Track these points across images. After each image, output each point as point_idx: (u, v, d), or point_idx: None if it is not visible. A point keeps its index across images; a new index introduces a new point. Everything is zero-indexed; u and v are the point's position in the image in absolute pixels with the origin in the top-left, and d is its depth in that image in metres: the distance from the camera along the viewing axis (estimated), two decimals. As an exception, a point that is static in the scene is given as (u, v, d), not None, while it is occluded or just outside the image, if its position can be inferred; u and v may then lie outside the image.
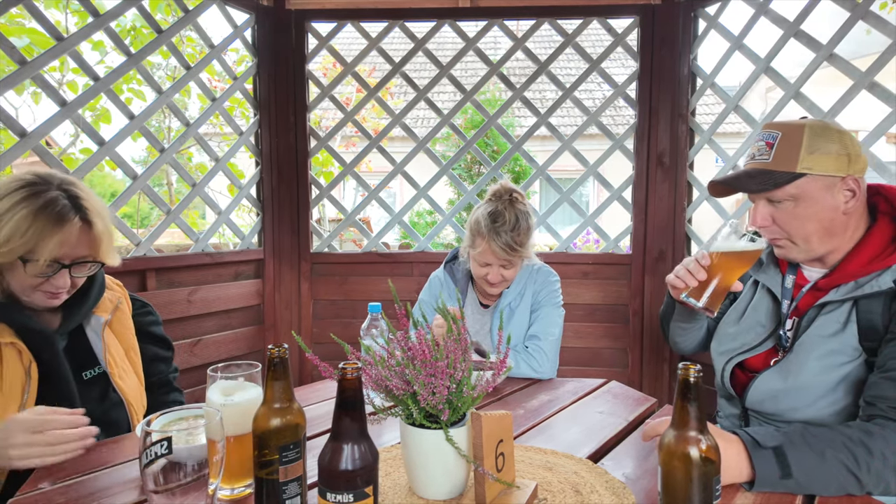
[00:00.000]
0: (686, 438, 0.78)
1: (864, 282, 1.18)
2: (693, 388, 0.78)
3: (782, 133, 1.23)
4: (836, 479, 0.97)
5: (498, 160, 2.84)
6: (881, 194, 1.27)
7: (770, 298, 1.37)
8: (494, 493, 0.93)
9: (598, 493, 0.99)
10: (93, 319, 1.37)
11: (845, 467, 0.96)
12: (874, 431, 1.01)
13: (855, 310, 1.18)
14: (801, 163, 1.18)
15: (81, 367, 1.33)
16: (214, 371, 1.00)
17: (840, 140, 1.20)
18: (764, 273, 1.40)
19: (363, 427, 0.76)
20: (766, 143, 1.24)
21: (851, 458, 0.97)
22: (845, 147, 1.19)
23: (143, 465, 0.73)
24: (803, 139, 1.19)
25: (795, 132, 1.21)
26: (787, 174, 1.20)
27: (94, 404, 1.30)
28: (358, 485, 0.73)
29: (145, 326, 1.52)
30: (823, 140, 1.19)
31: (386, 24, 2.79)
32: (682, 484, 0.78)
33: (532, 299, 1.88)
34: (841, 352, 1.17)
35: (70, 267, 1.24)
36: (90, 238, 1.25)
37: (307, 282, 2.84)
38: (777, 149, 1.22)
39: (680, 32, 2.59)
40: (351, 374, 0.74)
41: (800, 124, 1.22)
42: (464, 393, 0.93)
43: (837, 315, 1.20)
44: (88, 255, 1.27)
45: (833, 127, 1.21)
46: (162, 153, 2.42)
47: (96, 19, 2.11)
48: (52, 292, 1.24)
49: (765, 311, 1.37)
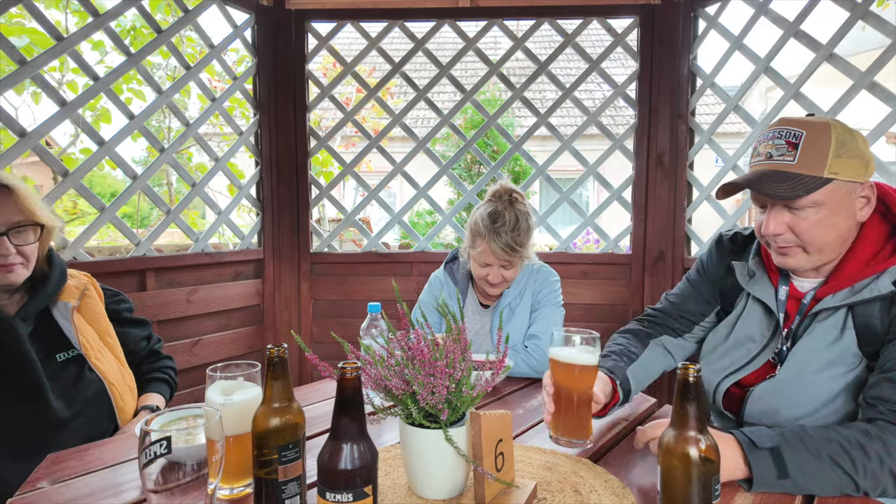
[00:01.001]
0: (685, 438, 0.78)
1: (861, 286, 1.12)
2: (692, 388, 0.78)
3: (807, 133, 1.10)
4: (833, 481, 0.97)
5: (498, 160, 2.84)
6: None
7: (762, 311, 1.28)
8: (494, 492, 0.93)
9: (597, 493, 0.99)
10: (60, 304, 1.43)
11: (841, 469, 0.96)
12: (872, 433, 1.00)
13: (851, 315, 1.13)
14: (830, 167, 1.08)
15: (54, 350, 1.39)
16: (214, 371, 1.00)
17: (862, 143, 1.11)
18: (756, 284, 1.29)
19: (362, 426, 0.76)
20: (788, 143, 1.12)
21: (848, 460, 0.96)
22: (861, 150, 1.11)
23: (141, 465, 0.72)
24: (832, 141, 1.08)
25: (822, 133, 1.10)
26: (816, 179, 1.08)
27: (70, 384, 1.39)
28: (357, 484, 0.73)
29: (121, 313, 1.61)
30: (850, 143, 1.09)
31: (386, 24, 2.79)
32: (681, 484, 0.78)
33: (532, 299, 1.88)
34: (840, 361, 1.12)
35: (7, 235, 1.29)
36: (15, 202, 1.32)
37: (307, 282, 2.84)
38: (802, 150, 1.10)
39: (680, 32, 2.60)
40: (350, 374, 0.74)
41: (826, 123, 1.11)
42: (463, 392, 0.93)
43: (833, 322, 1.14)
44: (22, 219, 1.33)
45: (850, 127, 1.13)
46: (162, 153, 2.42)
47: (96, 19, 2.11)
48: (2, 265, 1.29)
49: (756, 325, 1.28)
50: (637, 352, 1.43)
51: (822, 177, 1.08)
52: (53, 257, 1.47)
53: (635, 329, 1.51)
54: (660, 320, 1.49)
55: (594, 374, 1.14)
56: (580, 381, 1.12)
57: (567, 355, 1.12)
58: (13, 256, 1.31)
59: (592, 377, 1.13)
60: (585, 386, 1.13)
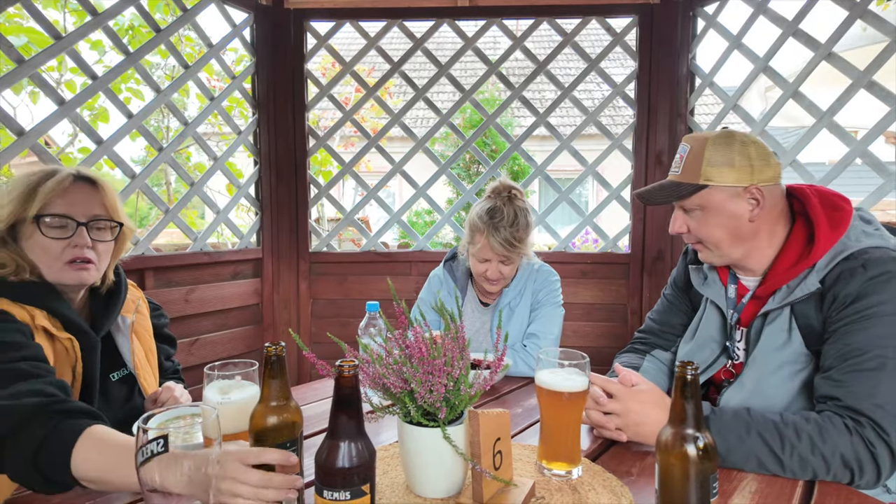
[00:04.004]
0: (684, 436, 0.78)
1: (794, 285, 1.20)
2: (690, 386, 0.78)
3: (690, 146, 1.27)
4: (755, 456, 1.04)
5: (497, 159, 2.84)
6: (794, 196, 1.30)
7: (717, 312, 1.38)
8: (492, 491, 0.93)
9: (595, 492, 0.99)
10: (120, 321, 1.35)
11: (767, 446, 1.03)
12: (811, 419, 1.06)
13: (793, 316, 1.20)
14: (703, 175, 1.24)
15: (109, 369, 1.31)
16: (212, 370, 1.00)
17: (742, 151, 1.23)
18: (708, 287, 1.41)
19: (360, 425, 0.76)
20: (679, 156, 1.30)
21: (777, 438, 1.04)
22: (748, 158, 1.22)
23: (139, 463, 0.72)
24: (704, 152, 1.24)
25: (699, 145, 1.26)
26: (689, 186, 1.26)
27: (120, 406, 1.31)
28: (355, 482, 0.73)
29: (161, 328, 1.54)
30: (724, 152, 1.23)
31: (385, 24, 2.78)
32: (679, 482, 0.78)
33: (532, 298, 1.88)
34: (793, 361, 1.19)
35: (87, 226, 1.23)
36: (99, 198, 1.26)
37: (305, 281, 2.84)
38: (685, 161, 1.28)
39: (679, 32, 2.60)
40: (348, 372, 0.74)
41: (703, 137, 1.27)
42: (461, 391, 0.93)
43: (780, 324, 1.22)
44: (102, 213, 1.27)
45: (738, 138, 1.24)
46: (160, 152, 2.41)
47: (94, 18, 2.10)
48: (77, 258, 1.21)
49: (715, 325, 1.38)
50: (638, 363, 1.54)
51: (697, 183, 1.25)
52: (119, 269, 1.39)
53: (629, 349, 1.64)
54: (648, 340, 1.61)
55: (584, 400, 1.07)
56: (570, 407, 1.05)
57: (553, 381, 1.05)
58: (89, 251, 1.22)
59: (582, 403, 1.07)
60: (576, 413, 1.06)
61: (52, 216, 1.19)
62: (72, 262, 1.20)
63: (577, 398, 1.05)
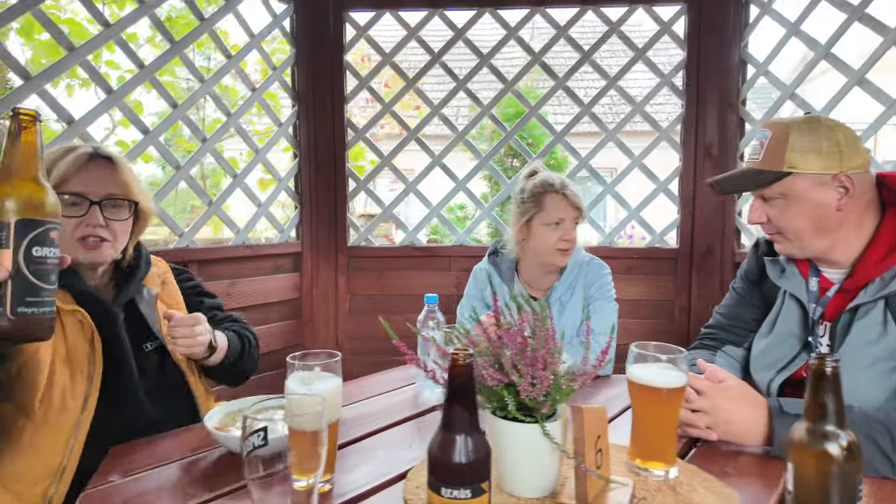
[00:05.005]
0: (823, 434, 0.72)
1: (889, 277, 1.14)
2: (829, 380, 0.72)
3: (772, 132, 1.22)
4: (865, 457, 0.93)
5: (539, 151, 2.78)
6: (884, 184, 1.23)
7: (797, 305, 1.31)
8: (595, 490, 0.87)
9: (698, 493, 0.93)
10: (144, 292, 1.36)
11: (877, 447, 0.96)
12: None
13: (888, 310, 1.14)
14: (787, 162, 1.19)
15: (140, 341, 1.32)
16: (293, 360, 0.96)
17: (830, 136, 1.17)
18: (787, 280, 1.33)
19: (475, 418, 0.70)
20: (759, 143, 1.25)
21: (888, 438, 0.97)
22: (836, 144, 1.16)
23: (244, 455, 0.68)
24: (788, 138, 1.19)
25: (782, 131, 1.21)
26: (772, 173, 1.20)
27: (154, 376, 1.32)
28: (475, 479, 0.67)
29: (192, 289, 1.54)
30: (810, 138, 1.18)
31: (426, 13, 2.73)
32: (817, 485, 0.72)
33: (584, 293, 1.82)
34: (888, 357, 1.13)
35: (100, 204, 1.23)
36: (115, 176, 1.26)
37: (344, 276, 2.79)
38: (766, 148, 1.22)
39: (730, 19, 2.51)
40: (463, 361, 0.69)
41: (786, 122, 1.22)
42: (562, 385, 0.88)
43: (873, 317, 1.15)
44: (118, 192, 1.26)
45: (824, 123, 1.19)
46: (203, 143, 2.38)
47: (141, 6, 2.08)
48: (89, 235, 1.22)
49: (795, 319, 1.31)
50: (710, 360, 1.42)
51: (781, 171, 1.19)
52: (140, 245, 1.41)
53: (698, 345, 1.54)
54: (718, 336, 1.51)
55: (682, 397, 1.02)
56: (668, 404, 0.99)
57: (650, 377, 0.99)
58: (102, 230, 1.23)
59: (680, 399, 1.01)
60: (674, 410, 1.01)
61: (66, 194, 1.19)
62: (83, 240, 1.22)
63: (676, 394, 0.99)
